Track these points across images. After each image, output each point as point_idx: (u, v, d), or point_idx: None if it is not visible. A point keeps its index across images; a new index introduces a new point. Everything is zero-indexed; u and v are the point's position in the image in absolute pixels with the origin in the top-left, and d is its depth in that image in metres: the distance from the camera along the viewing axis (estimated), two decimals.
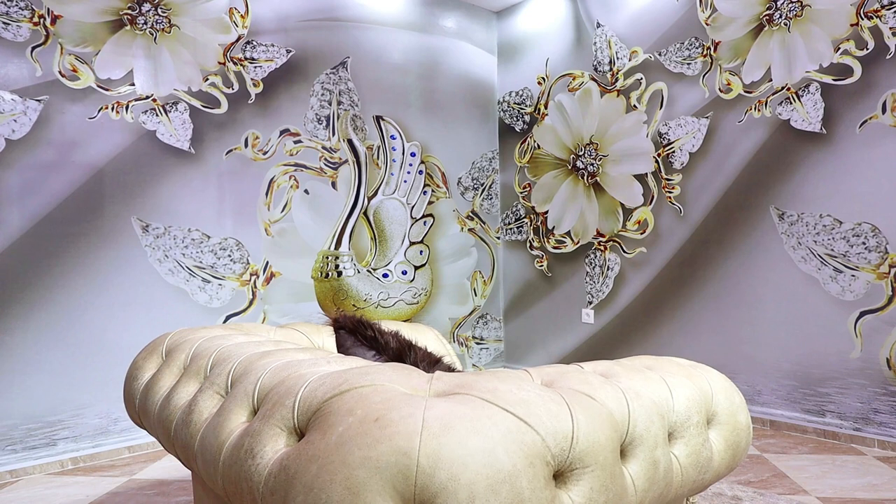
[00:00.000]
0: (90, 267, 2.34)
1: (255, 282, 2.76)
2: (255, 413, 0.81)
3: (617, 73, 3.13)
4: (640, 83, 3.02)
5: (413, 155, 3.32)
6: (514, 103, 3.65)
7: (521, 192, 3.63)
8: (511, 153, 3.69)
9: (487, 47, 3.69)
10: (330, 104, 3.00)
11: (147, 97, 2.48)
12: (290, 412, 0.74)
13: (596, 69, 3.23)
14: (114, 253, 2.39)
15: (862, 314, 2.33)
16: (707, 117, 2.78)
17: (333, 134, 3.01)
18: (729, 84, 2.70)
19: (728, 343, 2.72)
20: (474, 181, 3.62)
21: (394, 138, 3.24)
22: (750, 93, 2.63)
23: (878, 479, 2.00)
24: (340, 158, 3.04)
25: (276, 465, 0.68)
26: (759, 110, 2.60)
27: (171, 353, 1.18)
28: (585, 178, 3.29)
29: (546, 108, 3.48)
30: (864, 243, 2.31)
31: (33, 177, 2.23)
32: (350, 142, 3.07)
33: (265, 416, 0.76)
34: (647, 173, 3.01)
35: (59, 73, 2.29)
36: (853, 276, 2.34)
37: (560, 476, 0.69)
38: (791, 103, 2.50)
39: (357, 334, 1.14)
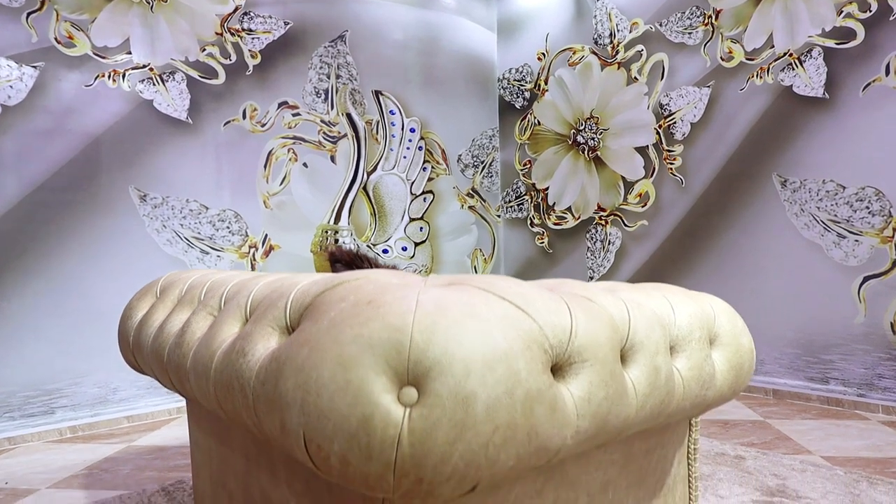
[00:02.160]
0: (87, 235, 2.33)
1: (253, 254, 2.74)
2: (247, 322, 0.79)
3: (617, 46, 3.10)
4: (641, 55, 3.00)
5: (412, 131, 3.30)
6: (514, 80, 3.63)
7: (522, 170, 3.61)
8: (511, 130, 3.66)
9: (487, 24, 3.67)
10: (328, 78, 2.98)
11: (144, 66, 2.46)
12: (281, 312, 0.72)
13: (596, 42, 3.20)
14: (111, 222, 2.38)
15: (866, 279, 2.30)
16: (708, 86, 2.75)
17: (332, 108, 2.99)
18: (730, 52, 2.68)
19: None
20: (474, 158, 3.59)
21: (393, 113, 3.22)
22: (752, 60, 2.61)
23: (882, 440, 1.98)
24: (339, 132, 3.02)
25: (267, 358, 0.66)
26: (760, 77, 2.58)
27: (165, 291, 1.17)
28: (586, 152, 3.26)
29: (546, 83, 3.45)
30: (867, 207, 2.29)
31: (29, 143, 2.21)
32: (349, 116, 3.05)
33: (257, 319, 0.74)
34: (648, 145, 2.98)
35: (55, 39, 2.27)
36: (857, 241, 2.32)
37: (559, 370, 0.67)
38: (793, 69, 2.48)
39: (353, 266, 1.13)
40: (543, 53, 3.47)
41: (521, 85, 3.59)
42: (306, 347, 0.60)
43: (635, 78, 3.03)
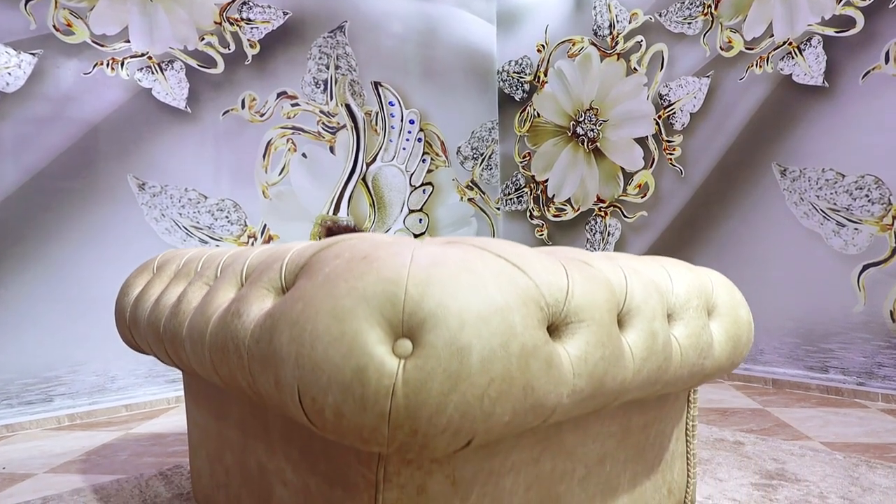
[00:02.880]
0: (86, 223, 2.32)
1: (252, 244, 2.74)
2: (243, 287, 0.79)
3: (617, 37, 3.10)
4: (641, 45, 3.00)
5: (412, 122, 3.30)
6: (514, 72, 3.62)
7: (521, 162, 3.60)
8: (511, 123, 3.66)
9: (486, 16, 3.66)
10: (328, 68, 2.98)
11: (142, 54, 2.46)
12: (277, 274, 0.72)
13: (596, 34, 3.20)
14: (110, 210, 2.37)
15: (865, 267, 2.30)
16: (708, 76, 2.75)
17: (331, 98, 2.99)
18: (730, 42, 2.67)
19: None
20: (474, 151, 3.59)
21: (392, 105, 3.22)
22: (751, 49, 2.61)
23: (881, 427, 1.98)
24: (338, 123, 3.02)
25: (262, 317, 0.66)
26: (760, 67, 2.57)
27: (161, 267, 1.16)
28: (585, 144, 3.26)
29: (546, 75, 3.45)
30: (867, 196, 2.28)
31: (28, 130, 2.21)
32: (348, 107, 3.04)
33: (252, 282, 0.74)
34: (647, 136, 2.98)
35: (54, 27, 2.26)
36: (856, 229, 2.31)
37: (555, 330, 0.67)
38: (793, 58, 2.47)
39: None
40: (543, 45, 3.46)
41: (521, 77, 3.59)
42: (300, 302, 0.60)
43: (635, 69, 3.02)
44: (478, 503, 0.77)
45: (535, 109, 3.51)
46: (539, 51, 3.49)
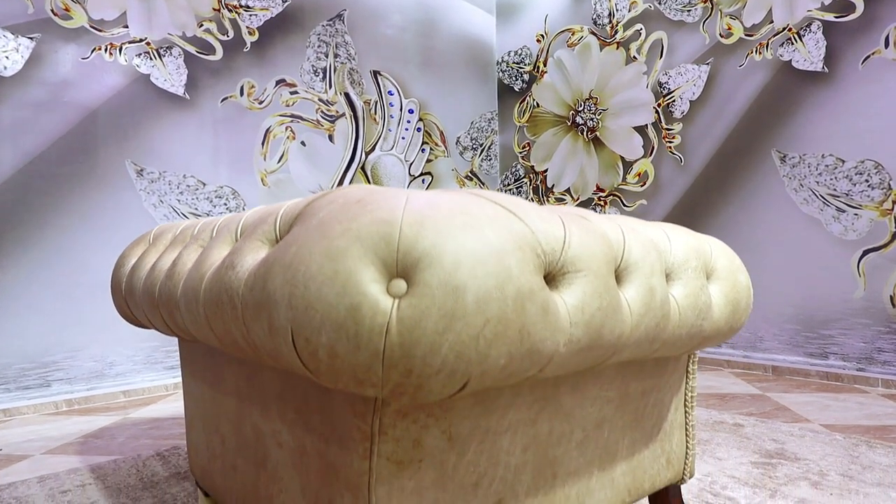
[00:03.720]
0: (84, 208, 2.32)
1: None
2: (237, 242, 0.78)
3: (616, 26, 3.09)
4: (640, 34, 2.99)
5: (411, 112, 3.29)
6: (513, 63, 3.62)
7: (521, 152, 3.60)
8: (510, 113, 3.65)
9: (486, 7, 3.66)
10: (326, 56, 2.97)
11: (141, 40, 2.45)
12: (271, 226, 0.72)
13: (595, 23, 3.19)
14: (108, 195, 2.37)
15: (865, 253, 2.29)
16: (707, 64, 2.74)
17: (330, 87, 2.98)
18: (730, 28, 2.67)
19: None
20: (473, 141, 3.58)
21: (391, 94, 3.21)
22: (751, 36, 2.60)
23: (881, 411, 1.97)
24: (337, 112, 3.01)
25: (256, 266, 0.65)
26: (759, 53, 2.57)
27: (157, 237, 1.16)
28: (585, 133, 3.25)
29: (545, 65, 3.44)
30: (867, 181, 2.28)
31: (26, 115, 2.20)
32: (347, 95, 3.04)
33: (247, 236, 0.73)
34: (647, 124, 2.97)
35: (52, 11, 2.26)
36: (856, 214, 2.31)
37: (552, 280, 0.66)
38: (792, 44, 2.47)
39: None
40: (542, 35, 3.46)
41: (520, 67, 3.58)
42: (294, 246, 0.59)
43: (634, 57, 3.02)
44: (474, 461, 0.77)
45: (534, 99, 3.50)
46: (538, 41, 3.48)
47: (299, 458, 0.80)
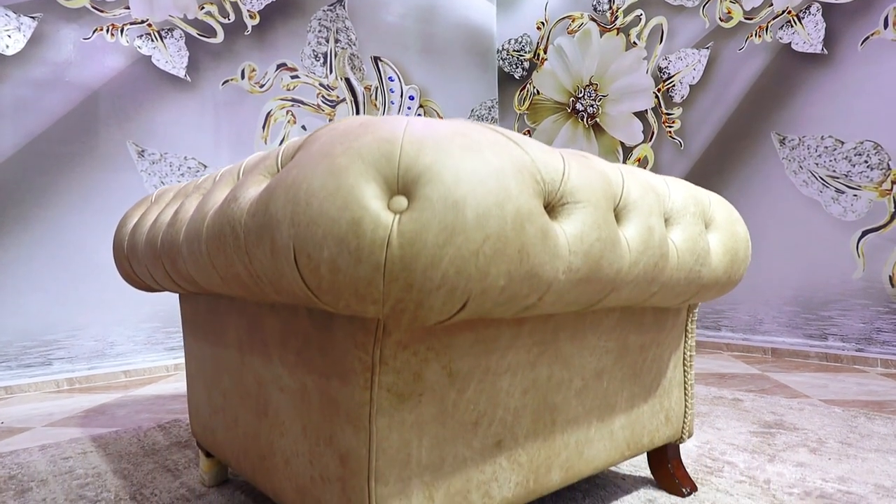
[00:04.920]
0: (85, 188, 2.32)
1: None
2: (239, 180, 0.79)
3: (616, 12, 3.10)
4: (640, 19, 3.00)
5: (412, 98, 3.30)
6: (514, 51, 3.62)
7: None
8: (510, 101, 3.66)
9: None
10: (327, 42, 2.98)
11: (142, 22, 2.46)
12: (273, 161, 0.72)
13: (595, 9, 3.20)
14: (109, 176, 2.37)
15: (864, 233, 2.30)
16: (707, 48, 2.75)
17: (331, 72, 2.99)
18: (729, 12, 2.67)
19: None
20: None
21: (392, 80, 3.22)
22: (750, 19, 2.61)
23: (880, 388, 1.98)
24: (338, 97, 3.02)
25: (259, 194, 0.66)
26: (759, 36, 2.57)
27: (160, 196, 1.16)
28: (585, 120, 3.26)
29: (545, 52, 3.45)
30: (866, 161, 2.28)
31: (27, 94, 2.21)
32: (348, 80, 3.04)
33: (249, 172, 0.74)
34: (647, 110, 2.98)
35: None
36: (855, 195, 2.31)
37: (551, 210, 0.67)
38: (792, 26, 2.47)
39: None
40: (542, 22, 3.46)
41: (520, 55, 3.59)
42: (296, 168, 0.60)
43: (634, 43, 3.02)
44: (474, 400, 0.77)
45: (534, 87, 3.51)
46: (539, 28, 3.49)
47: (300, 399, 0.80)
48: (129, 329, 2.40)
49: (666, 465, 1.14)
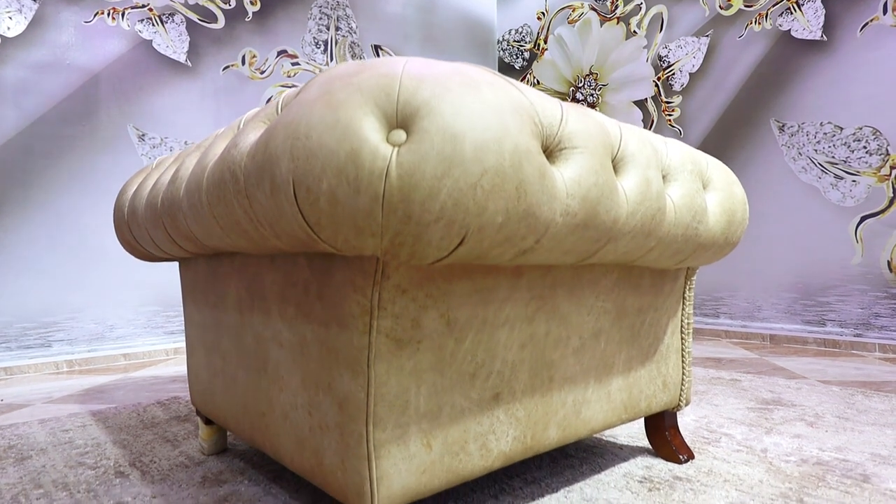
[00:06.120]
0: (86, 171, 2.33)
1: None
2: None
3: (617, 1, 3.10)
4: (640, 8, 3.00)
5: None
6: (514, 41, 3.63)
7: None
8: None
9: None
10: (328, 29, 2.98)
11: (143, 6, 2.46)
12: (273, 108, 0.73)
13: None
14: (110, 159, 2.38)
15: (863, 219, 2.31)
16: (707, 36, 2.75)
17: (331, 59, 2.99)
18: (729, 0, 2.68)
19: (728, 260, 2.70)
20: None
21: None
22: (750, 7, 2.61)
23: (878, 371, 1.98)
24: None
25: (258, 137, 0.66)
26: (759, 23, 2.58)
27: (160, 164, 1.17)
28: None
29: (546, 42, 3.45)
30: (864, 147, 2.29)
31: (28, 75, 2.22)
32: None
33: (249, 120, 0.75)
34: (646, 98, 2.99)
35: None
36: (854, 181, 2.32)
37: (549, 155, 0.68)
38: (791, 13, 2.48)
39: None
40: (543, 13, 3.47)
41: (521, 45, 3.59)
42: (296, 106, 0.61)
43: (634, 32, 3.03)
44: (472, 350, 0.78)
45: (534, 77, 3.51)
46: (539, 18, 3.49)
47: (299, 352, 0.81)
48: (129, 312, 2.40)
49: (663, 433, 1.15)
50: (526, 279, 0.81)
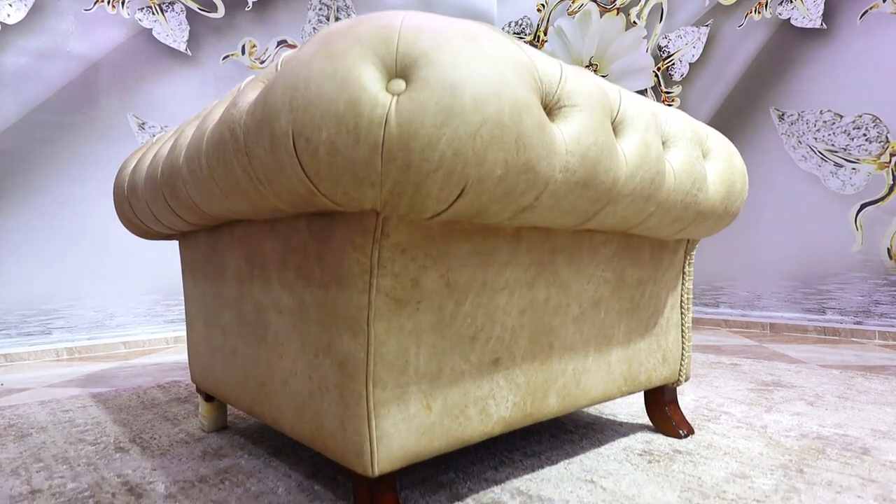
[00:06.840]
0: (86, 159, 2.33)
1: None
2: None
3: None
4: None
5: None
6: (514, 33, 3.63)
7: None
8: None
9: None
10: (328, 20, 2.98)
11: None
12: (272, 68, 0.73)
13: None
14: (110, 147, 2.38)
15: (863, 207, 2.31)
16: (707, 25, 2.75)
17: None
18: None
19: (728, 249, 2.70)
20: None
21: None
22: None
23: (877, 357, 1.98)
24: None
25: (258, 94, 0.66)
26: (759, 13, 2.58)
27: (159, 139, 1.17)
28: None
29: (545, 34, 3.45)
30: (864, 135, 2.29)
31: (28, 63, 2.22)
32: None
33: (249, 82, 0.75)
34: (646, 89, 2.98)
35: None
36: (854, 168, 2.32)
37: (549, 112, 0.68)
38: (791, 2, 2.48)
39: None
40: (543, 5, 3.47)
41: (521, 37, 3.59)
42: (295, 61, 0.61)
43: (634, 22, 3.03)
44: (472, 313, 0.78)
45: None
46: (539, 10, 3.49)
47: (298, 316, 0.81)
48: (129, 301, 2.40)
49: (663, 408, 1.15)
50: (526, 243, 0.81)
